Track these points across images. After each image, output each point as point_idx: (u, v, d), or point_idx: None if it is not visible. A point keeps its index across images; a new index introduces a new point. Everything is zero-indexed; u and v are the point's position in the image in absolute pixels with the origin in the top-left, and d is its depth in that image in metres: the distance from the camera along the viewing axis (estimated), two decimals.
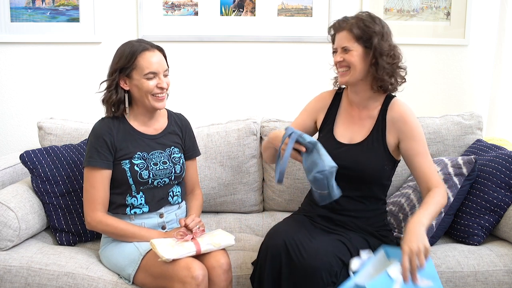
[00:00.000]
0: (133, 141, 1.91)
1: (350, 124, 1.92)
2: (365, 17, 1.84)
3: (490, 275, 1.91)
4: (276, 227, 1.82)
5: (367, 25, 1.81)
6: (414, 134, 1.82)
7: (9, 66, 2.69)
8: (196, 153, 2.11)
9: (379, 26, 1.82)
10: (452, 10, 2.81)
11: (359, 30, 1.80)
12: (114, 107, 1.90)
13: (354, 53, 1.81)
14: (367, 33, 1.80)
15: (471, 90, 2.91)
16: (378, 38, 1.80)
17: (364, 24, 1.81)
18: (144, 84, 1.84)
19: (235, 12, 2.73)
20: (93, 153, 1.85)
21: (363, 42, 1.81)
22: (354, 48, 1.81)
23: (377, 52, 1.80)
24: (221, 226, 2.35)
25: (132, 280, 1.80)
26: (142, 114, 1.94)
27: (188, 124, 2.09)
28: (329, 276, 1.60)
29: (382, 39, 1.81)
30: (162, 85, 1.86)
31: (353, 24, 1.82)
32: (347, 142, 1.88)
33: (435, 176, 1.81)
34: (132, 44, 1.88)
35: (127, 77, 1.86)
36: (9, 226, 1.90)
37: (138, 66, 1.84)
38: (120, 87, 1.88)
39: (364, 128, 1.89)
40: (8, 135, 2.74)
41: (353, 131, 1.90)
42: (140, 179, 1.87)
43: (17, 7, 2.63)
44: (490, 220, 2.08)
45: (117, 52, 1.89)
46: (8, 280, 1.85)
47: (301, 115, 2.06)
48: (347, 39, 1.82)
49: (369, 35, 1.80)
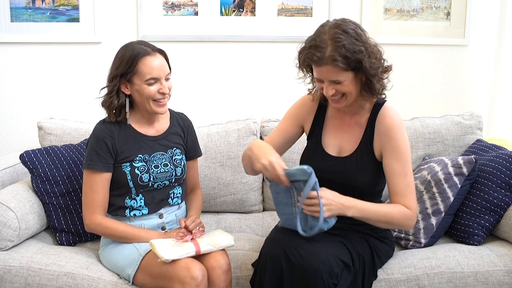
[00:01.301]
0: (135, 143, 1.89)
1: (339, 132, 1.83)
2: (341, 37, 1.59)
3: (490, 275, 1.91)
4: (275, 232, 1.80)
5: (351, 50, 1.59)
6: (396, 153, 1.71)
7: (9, 66, 2.69)
8: (198, 153, 2.10)
9: (361, 39, 1.62)
10: (452, 10, 2.81)
11: (344, 60, 1.59)
12: (116, 112, 1.87)
13: (346, 82, 1.64)
14: (354, 59, 1.60)
15: (471, 90, 2.91)
16: (366, 58, 1.61)
17: (347, 50, 1.58)
18: (145, 90, 1.81)
19: (235, 12, 2.73)
20: (94, 156, 1.84)
21: (352, 68, 1.62)
22: (345, 78, 1.63)
23: (369, 73, 1.64)
24: (221, 226, 2.35)
25: (131, 280, 1.80)
26: (144, 117, 1.93)
27: (190, 124, 2.08)
28: (329, 277, 1.59)
29: (370, 55, 1.63)
30: (163, 91, 1.83)
31: (334, 55, 1.58)
32: (336, 155, 1.81)
33: (409, 198, 1.70)
34: (133, 47, 1.83)
35: (128, 81, 1.83)
36: (9, 226, 1.89)
37: (139, 71, 1.80)
38: (121, 92, 1.85)
39: (352, 138, 1.80)
40: (8, 135, 2.74)
41: (342, 140, 1.82)
42: (141, 182, 1.87)
43: (17, 7, 2.63)
44: (490, 220, 2.08)
45: (117, 56, 1.85)
46: (8, 280, 1.85)
47: (284, 121, 1.93)
48: (334, 73, 1.62)
49: (357, 60, 1.60)
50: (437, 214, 2.07)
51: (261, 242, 1.79)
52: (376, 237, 1.84)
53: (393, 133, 1.72)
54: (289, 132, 1.91)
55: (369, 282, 1.78)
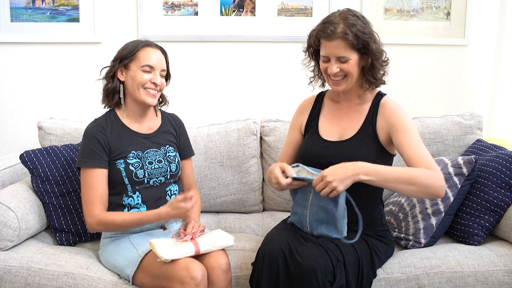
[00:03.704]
0: (127, 139, 1.91)
1: (337, 121, 1.88)
2: (352, 18, 1.72)
3: (490, 275, 1.91)
4: (272, 233, 1.81)
5: (361, 30, 1.71)
6: (405, 127, 1.75)
7: (9, 66, 2.69)
8: (191, 152, 2.12)
9: (368, 26, 1.75)
10: (452, 10, 2.81)
11: (354, 37, 1.70)
12: (109, 96, 1.94)
13: (351, 62, 1.74)
14: (362, 40, 1.71)
15: (471, 90, 2.91)
16: (373, 42, 1.73)
17: (357, 30, 1.70)
18: (139, 76, 1.87)
19: (235, 12, 2.73)
20: (88, 154, 1.85)
21: (359, 49, 1.73)
22: (352, 57, 1.73)
23: (374, 56, 1.74)
24: (221, 226, 2.35)
25: (131, 280, 1.80)
26: (135, 111, 1.95)
27: (182, 124, 2.11)
28: (325, 276, 1.60)
29: (375, 41, 1.75)
30: (155, 81, 1.88)
31: (345, 30, 1.70)
32: (336, 140, 1.84)
33: (429, 161, 1.69)
34: (139, 40, 1.96)
35: (124, 67, 1.90)
36: (9, 226, 1.90)
37: (137, 57, 1.88)
38: (116, 77, 1.91)
39: (353, 123, 1.85)
40: (8, 135, 2.74)
41: (342, 127, 1.86)
42: (136, 179, 1.87)
43: (17, 7, 2.63)
44: (490, 220, 2.08)
45: (123, 45, 1.95)
46: (8, 280, 1.85)
47: (289, 134, 2.02)
48: (343, 48, 1.72)
49: (365, 41, 1.71)
50: (437, 214, 2.07)
51: (260, 242, 1.79)
52: (375, 237, 1.84)
53: (397, 112, 1.79)
54: (296, 141, 1.98)
55: (369, 281, 1.78)
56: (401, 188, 1.66)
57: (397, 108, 1.81)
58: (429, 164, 1.69)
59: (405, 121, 1.77)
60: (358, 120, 1.84)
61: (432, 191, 1.67)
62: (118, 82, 1.92)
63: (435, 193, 1.67)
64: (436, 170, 1.67)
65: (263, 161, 2.49)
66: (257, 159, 2.46)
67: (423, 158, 1.70)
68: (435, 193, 1.67)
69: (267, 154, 2.45)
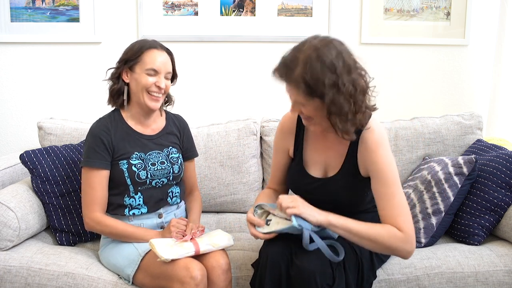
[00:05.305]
0: (131, 141, 1.91)
1: (324, 149, 1.76)
2: (314, 64, 1.49)
3: (490, 275, 1.91)
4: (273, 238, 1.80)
5: (316, 79, 1.49)
6: (380, 175, 1.60)
7: (9, 66, 2.69)
8: (194, 154, 2.11)
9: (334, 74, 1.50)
10: (452, 10, 2.81)
11: (306, 88, 1.50)
12: (114, 97, 1.94)
13: (308, 108, 1.56)
14: (316, 89, 1.50)
15: (471, 90, 2.91)
16: (332, 93, 1.50)
17: (311, 78, 1.49)
18: (143, 79, 1.86)
19: (235, 12, 2.73)
20: (91, 153, 1.85)
21: (316, 96, 1.52)
22: (308, 103, 1.55)
23: (329, 109, 1.52)
24: (221, 226, 2.35)
25: (131, 280, 1.80)
26: (139, 113, 1.94)
27: (186, 125, 2.10)
28: (324, 279, 1.60)
29: (339, 90, 1.50)
30: (159, 84, 1.87)
31: (298, 77, 1.51)
32: (321, 176, 1.75)
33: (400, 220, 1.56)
34: (145, 40, 1.92)
35: (129, 69, 1.89)
36: (9, 226, 1.89)
37: (142, 60, 1.87)
38: (121, 79, 1.91)
39: (338, 153, 1.72)
40: (8, 135, 2.74)
41: (326, 157, 1.75)
42: (138, 180, 1.88)
43: (17, 7, 2.63)
44: (491, 220, 2.08)
45: (129, 46, 1.93)
46: (8, 280, 1.85)
47: (274, 156, 1.91)
48: (296, 94, 1.56)
49: (320, 92, 1.50)
50: (437, 214, 2.07)
51: (260, 242, 1.78)
52: None
53: (374, 157, 1.62)
54: (283, 163, 1.89)
55: (369, 283, 1.78)
56: (362, 243, 1.59)
57: (376, 148, 1.62)
58: (401, 224, 1.55)
59: (383, 167, 1.61)
60: (342, 150, 1.72)
61: (397, 254, 1.59)
62: (123, 83, 1.91)
63: (400, 256, 1.60)
64: (405, 231, 1.55)
65: (263, 161, 2.49)
66: (257, 159, 2.46)
67: (394, 216, 1.57)
68: (400, 255, 1.60)
69: (267, 154, 2.45)
